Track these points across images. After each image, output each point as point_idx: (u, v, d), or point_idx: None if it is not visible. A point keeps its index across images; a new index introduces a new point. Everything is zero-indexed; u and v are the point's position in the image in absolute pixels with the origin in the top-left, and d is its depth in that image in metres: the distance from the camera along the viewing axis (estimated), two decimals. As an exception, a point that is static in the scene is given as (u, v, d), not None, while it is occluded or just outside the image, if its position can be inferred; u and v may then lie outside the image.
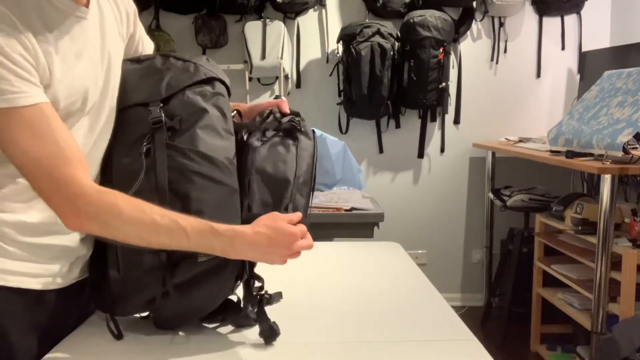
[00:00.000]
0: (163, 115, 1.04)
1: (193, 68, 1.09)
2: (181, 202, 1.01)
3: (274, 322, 1.06)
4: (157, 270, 1.01)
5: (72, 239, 1.06)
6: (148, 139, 1.04)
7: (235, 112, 1.18)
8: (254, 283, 1.11)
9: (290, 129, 1.13)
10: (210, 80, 1.09)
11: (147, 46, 1.25)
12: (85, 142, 1.04)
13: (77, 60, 0.99)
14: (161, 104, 1.06)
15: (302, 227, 1.03)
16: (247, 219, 1.04)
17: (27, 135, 0.91)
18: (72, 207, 0.94)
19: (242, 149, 1.10)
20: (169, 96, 1.06)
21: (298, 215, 1.05)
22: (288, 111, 1.16)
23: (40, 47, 0.93)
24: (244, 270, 1.07)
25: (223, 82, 1.12)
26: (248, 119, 1.21)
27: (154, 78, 1.08)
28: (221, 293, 1.07)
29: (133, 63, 1.14)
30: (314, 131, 1.17)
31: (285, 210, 1.06)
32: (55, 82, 0.95)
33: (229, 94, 1.14)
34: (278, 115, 1.15)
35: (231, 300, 1.12)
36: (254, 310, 1.10)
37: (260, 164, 1.09)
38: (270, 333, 1.05)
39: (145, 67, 1.11)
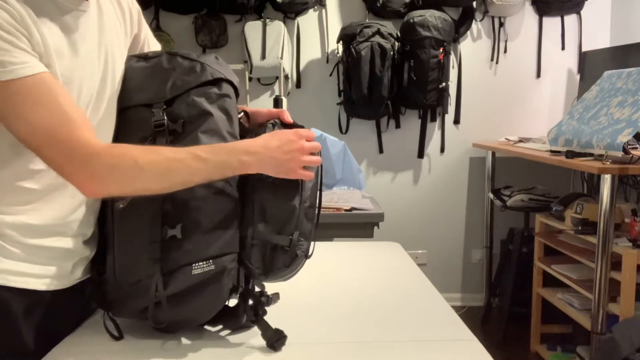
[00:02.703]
0: (165, 118, 1.02)
1: (199, 68, 1.06)
2: (179, 209, 0.99)
3: (276, 329, 1.04)
4: (150, 279, 0.99)
5: (75, 240, 1.06)
6: (149, 142, 1.02)
7: (242, 113, 1.15)
8: (250, 294, 1.08)
9: None
10: (217, 81, 1.06)
11: (152, 48, 1.24)
12: None
13: (72, 51, 0.99)
14: (164, 106, 1.03)
15: (304, 130, 1.05)
16: (251, 240, 1.03)
17: (32, 105, 0.90)
18: (86, 172, 0.93)
19: None
20: (173, 97, 1.04)
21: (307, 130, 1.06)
22: (291, 121, 1.13)
23: (36, 27, 0.92)
24: (239, 283, 1.05)
25: (231, 83, 1.09)
26: (252, 124, 1.18)
27: (159, 78, 1.06)
28: (214, 306, 1.03)
29: (140, 60, 1.11)
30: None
31: (291, 236, 1.04)
32: (53, 67, 0.94)
33: (237, 94, 1.11)
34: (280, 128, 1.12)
35: (227, 305, 1.09)
36: (250, 319, 1.07)
37: (264, 189, 1.05)
38: (276, 339, 1.02)
39: (152, 65, 1.08)
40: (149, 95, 1.06)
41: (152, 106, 1.04)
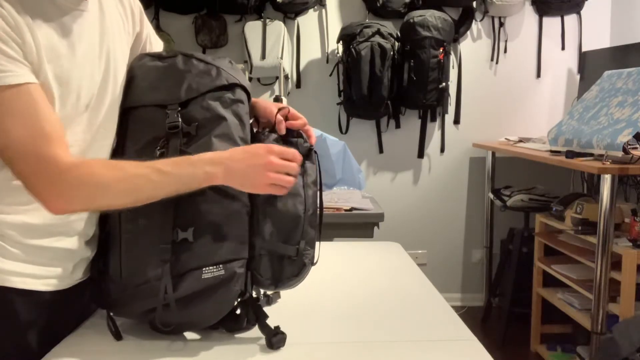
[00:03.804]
0: (180, 120, 1.02)
1: (215, 72, 1.06)
2: (191, 212, 0.99)
3: (277, 327, 1.04)
4: (159, 281, 0.98)
5: (75, 241, 1.06)
6: (162, 143, 1.01)
7: (252, 119, 1.14)
8: (250, 300, 1.08)
9: None
10: (231, 86, 1.06)
11: (155, 46, 1.23)
12: (84, 138, 1.03)
13: (70, 51, 0.98)
14: (179, 108, 1.03)
15: (279, 146, 1.02)
16: (260, 251, 1.03)
17: (10, 115, 0.89)
18: (53, 190, 0.93)
19: None
20: (187, 100, 1.04)
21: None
22: (283, 132, 1.11)
23: (30, 31, 0.91)
24: (246, 289, 1.05)
25: (244, 88, 1.09)
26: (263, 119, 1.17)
27: (174, 79, 1.05)
28: (221, 310, 1.04)
29: (154, 60, 1.10)
30: (315, 152, 1.12)
31: (297, 245, 1.04)
32: (42, 71, 0.93)
33: (249, 99, 1.11)
34: (276, 136, 1.10)
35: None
36: (251, 323, 1.08)
37: (268, 200, 1.04)
38: (274, 336, 1.03)
39: (167, 66, 1.08)
40: (162, 96, 1.05)
41: (167, 107, 1.03)
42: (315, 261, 1.08)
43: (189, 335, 1.08)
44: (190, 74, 1.05)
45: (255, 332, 1.07)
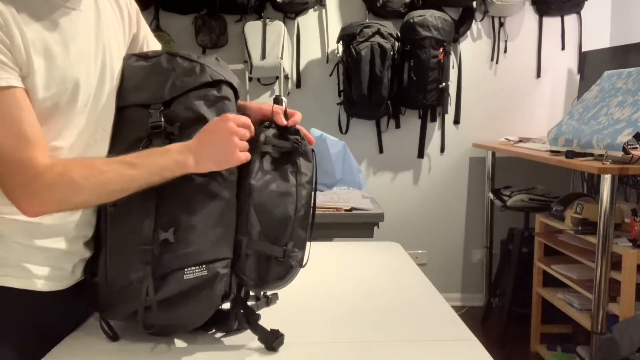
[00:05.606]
0: (163, 119, 1.01)
1: (199, 69, 1.04)
2: (173, 212, 0.98)
3: (272, 330, 1.03)
4: (141, 283, 0.97)
5: (75, 241, 1.06)
6: (145, 144, 1.00)
7: None
8: (240, 302, 1.06)
9: (289, 152, 1.06)
10: (216, 83, 1.05)
11: (152, 47, 1.23)
12: (83, 138, 1.03)
13: (63, 49, 0.98)
14: (162, 107, 1.02)
15: (231, 114, 1.01)
16: (246, 250, 1.01)
17: None
18: (26, 192, 0.92)
19: (238, 177, 1.04)
20: (171, 99, 1.03)
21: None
22: (284, 122, 1.09)
23: (19, 31, 0.91)
24: (231, 290, 1.03)
25: (230, 85, 1.07)
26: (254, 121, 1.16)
27: (158, 78, 1.04)
28: (205, 311, 1.01)
29: (139, 59, 1.10)
30: (313, 151, 1.08)
31: (285, 247, 1.01)
32: (34, 69, 0.93)
33: (237, 96, 1.09)
34: (275, 132, 1.08)
35: (220, 309, 1.07)
36: (243, 326, 1.06)
37: (258, 199, 1.02)
38: (274, 340, 1.01)
39: (151, 65, 1.07)
40: (146, 96, 1.05)
41: (150, 107, 1.03)
42: (304, 264, 1.05)
43: (188, 337, 1.08)
44: (174, 72, 1.04)
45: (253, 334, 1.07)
